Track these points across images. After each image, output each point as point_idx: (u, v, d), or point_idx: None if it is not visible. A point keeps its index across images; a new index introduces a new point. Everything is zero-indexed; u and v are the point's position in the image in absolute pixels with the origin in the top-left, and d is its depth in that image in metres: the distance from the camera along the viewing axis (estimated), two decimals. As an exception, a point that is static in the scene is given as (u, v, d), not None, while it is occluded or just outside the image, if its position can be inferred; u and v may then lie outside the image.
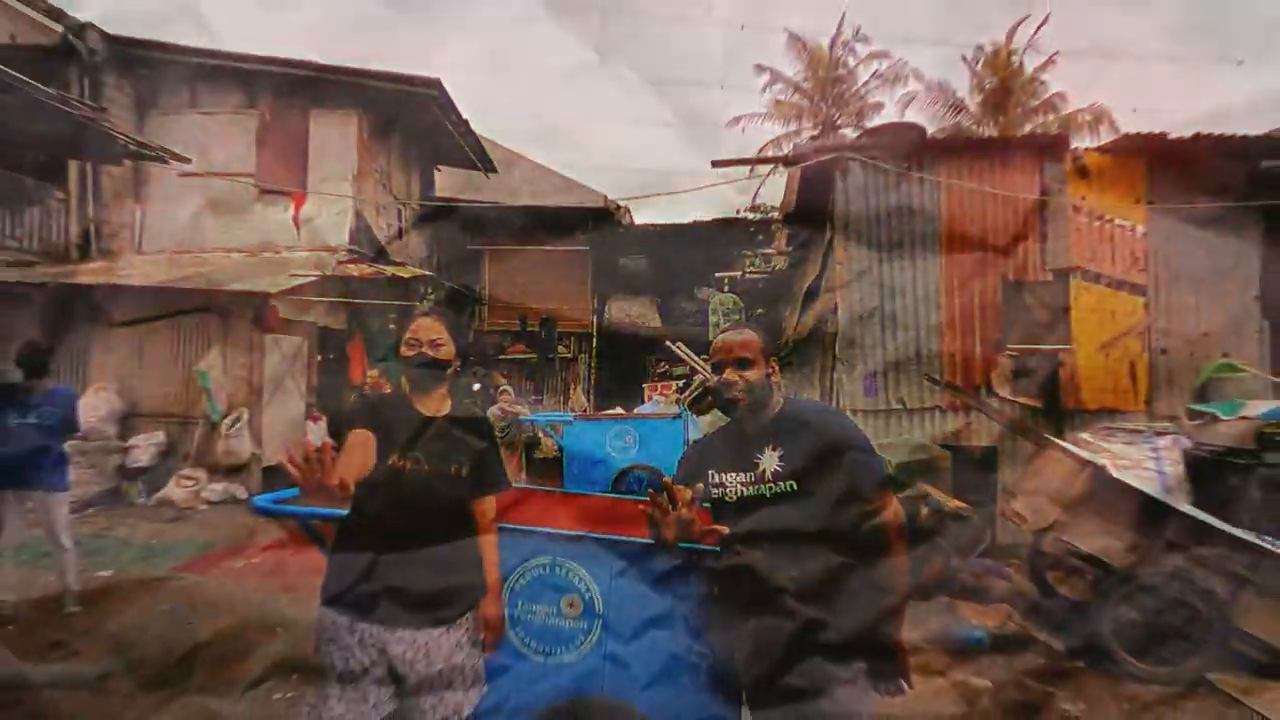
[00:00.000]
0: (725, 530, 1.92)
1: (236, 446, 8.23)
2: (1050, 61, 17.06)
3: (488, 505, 2.27)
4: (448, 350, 2.23)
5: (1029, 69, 17.30)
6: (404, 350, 2.21)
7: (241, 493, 8.18)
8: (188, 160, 9.36)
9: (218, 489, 8.06)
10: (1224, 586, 4.20)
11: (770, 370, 2.09)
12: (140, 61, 10.47)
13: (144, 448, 8.08)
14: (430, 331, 2.21)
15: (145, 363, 8.56)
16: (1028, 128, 16.93)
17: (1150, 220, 7.15)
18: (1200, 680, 4.04)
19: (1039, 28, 16.72)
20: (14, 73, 3.78)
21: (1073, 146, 7.62)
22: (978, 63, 17.50)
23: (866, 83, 19.39)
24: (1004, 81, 17.00)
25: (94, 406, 7.88)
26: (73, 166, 10.04)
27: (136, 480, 8.03)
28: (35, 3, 9.84)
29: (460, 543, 2.18)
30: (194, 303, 8.51)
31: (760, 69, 19.42)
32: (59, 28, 9.80)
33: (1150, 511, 4.40)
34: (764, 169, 9.28)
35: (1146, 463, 5.61)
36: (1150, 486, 4.75)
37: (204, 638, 4.10)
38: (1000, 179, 7.26)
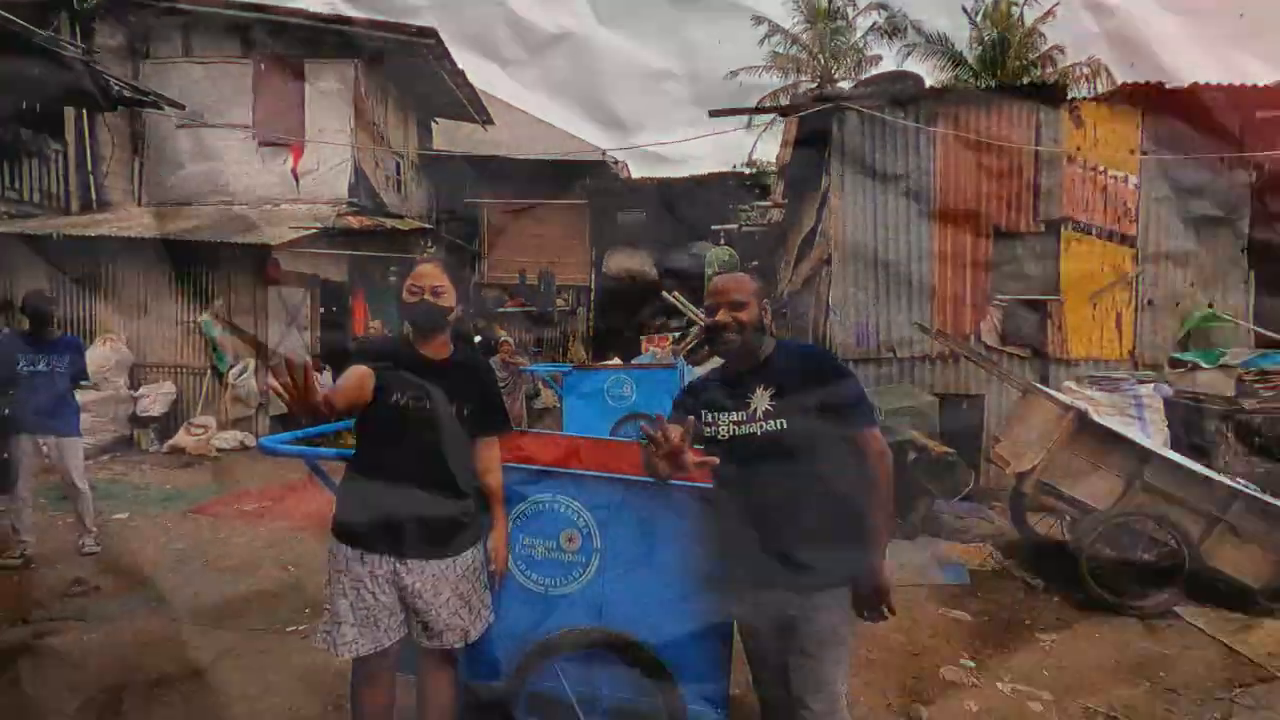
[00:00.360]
0: (716, 461, 1.94)
1: (243, 395, 8.27)
2: (1050, 14, 16.60)
3: (491, 445, 2.30)
4: (449, 297, 2.23)
5: (1028, 20, 16.84)
6: (406, 297, 2.20)
7: (250, 440, 8.26)
8: (181, 106, 9.11)
9: (227, 437, 8.13)
10: (1196, 526, 4.30)
11: (763, 312, 2.09)
12: (132, 9, 10.13)
13: (154, 397, 8.12)
14: (431, 278, 2.20)
15: (150, 314, 8.52)
16: (1026, 81, 16.54)
17: (1143, 171, 7.06)
18: (1169, 613, 4.17)
19: None
20: (4, 13, 3.65)
21: (1070, 96, 7.46)
22: (978, 14, 17.02)
23: (865, 35, 18.89)
24: (1003, 34, 16.54)
25: (103, 357, 7.88)
26: (69, 117, 9.79)
27: (148, 428, 8.08)
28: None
29: (464, 478, 2.21)
30: (196, 254, 8.42)
31: (758, 20, 18.88)
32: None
33: (1129, 455, 4.47)
34: (761, 123, 9.07)
35: (1128, 409, 5.70)
36: (1130, 431, 4.82)
37: (218, 576, 4.21)
38: (996, 129, 7.13)
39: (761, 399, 2.00)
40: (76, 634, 3.42)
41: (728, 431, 2.04)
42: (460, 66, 11.90)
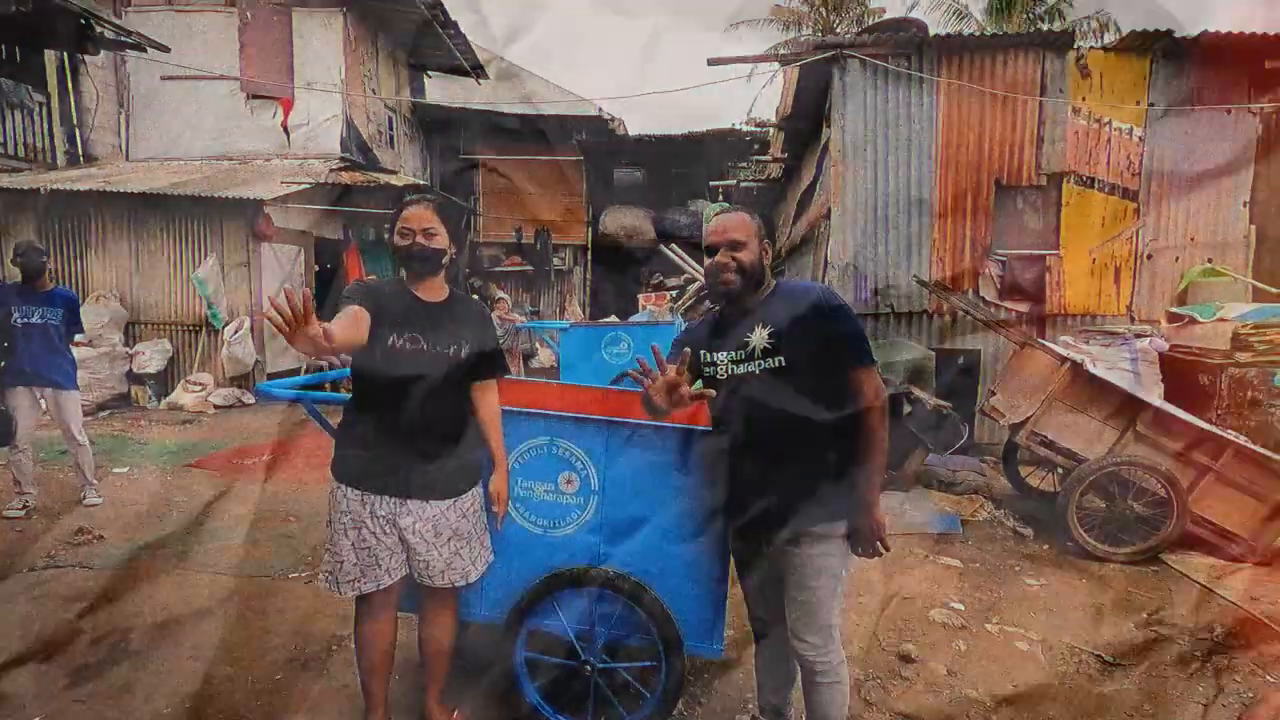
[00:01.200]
0: (712, 394, 1.95)
1: (239, 354, 8.25)
2: None
3: (489, 387, 2.30)
4: (441, 239, 2.19)
5: None
6: (397, 240, 2.17)
7: (247, 398, 8.27)
8: (165, 49, 8.83)
9: (224, 393, 8.14)
10: (1185, 474, 4.37)
11: (763, 252, 2.08)
12: (110, -47, 9.80)
13: (149, 354, 8.10)
14: (422, 220, 2.17)
15: (143, 271, 8.44)
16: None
17: (1148, 124, 6.95)
18: (1155, 560, 4.26)
19: None
20: None
21: (1076, 45, 7.29)
22: None
23: None
24: None
25: (97, 314, 7.84)
26: (50, 66, 9.55)
27: (145, 385, 8.09)
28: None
29: (463, 421, 2.23)
30: (187, 210, 8.30)
31: None
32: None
33: (1122, 405, 4.51)
34: (763, 75, 8.88)
35: (1123, 363, 5.72)
36: (1125, 383, 4.85)
37: (219, 526, 4.27)
38: (1001, 78, 6.99)
39: (760, 337, 2.00)
40: (82, 579, 3.48)
41: (726, 370, 2.05)
42: (453, 17, 11.59)
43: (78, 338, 4.82)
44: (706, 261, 2.10)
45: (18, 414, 4.38)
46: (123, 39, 5.68)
